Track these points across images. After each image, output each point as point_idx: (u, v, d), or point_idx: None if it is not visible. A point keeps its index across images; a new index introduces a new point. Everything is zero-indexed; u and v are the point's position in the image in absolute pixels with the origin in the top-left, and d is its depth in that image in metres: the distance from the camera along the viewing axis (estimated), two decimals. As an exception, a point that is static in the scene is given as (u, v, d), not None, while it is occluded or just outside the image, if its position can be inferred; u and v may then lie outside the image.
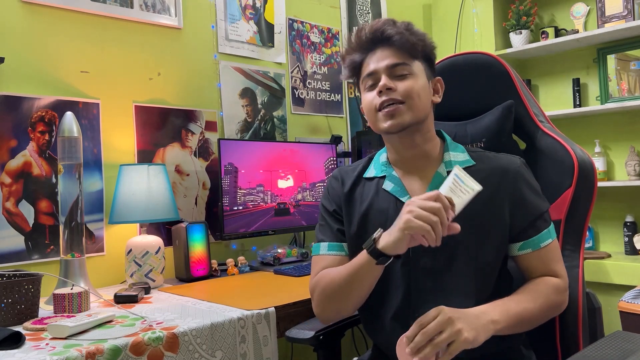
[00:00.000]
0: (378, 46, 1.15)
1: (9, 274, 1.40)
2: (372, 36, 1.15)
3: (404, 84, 1.12)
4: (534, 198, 1.14)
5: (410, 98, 1.12)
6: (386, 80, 1.12)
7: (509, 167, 1.15)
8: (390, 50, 1.14)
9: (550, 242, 1.13)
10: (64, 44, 1.82)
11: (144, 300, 1.57)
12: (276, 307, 1.43)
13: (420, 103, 1.13)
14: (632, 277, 2.44)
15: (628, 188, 2.76)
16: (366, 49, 1.17)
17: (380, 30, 1.14)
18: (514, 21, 2.97)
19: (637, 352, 0.85)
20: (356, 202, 1.22)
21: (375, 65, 1.14)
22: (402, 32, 1.13)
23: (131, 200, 1.76)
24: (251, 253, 2.25)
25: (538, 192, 1.16)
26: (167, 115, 2.05)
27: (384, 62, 1.14)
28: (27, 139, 1.71)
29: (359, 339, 2.36)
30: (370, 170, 1.25)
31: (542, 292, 1.09)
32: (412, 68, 1.14)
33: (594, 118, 2.88)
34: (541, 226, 1.13)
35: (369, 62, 1.16)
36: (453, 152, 1.19)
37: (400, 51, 1.13)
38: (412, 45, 1.13)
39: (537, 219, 1.13)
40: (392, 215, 1.14)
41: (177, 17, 2.11)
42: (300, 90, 2.55)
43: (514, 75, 1.39)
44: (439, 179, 1.14)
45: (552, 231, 1.14)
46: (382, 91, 1.12)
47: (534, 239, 1.12)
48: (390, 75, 1.13)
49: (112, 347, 1.13)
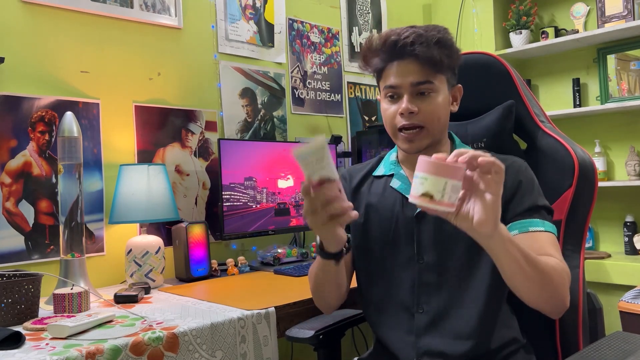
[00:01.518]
0: (404, 57, 1.12)
1: (9, 274, 1.40)
2: (400, 45, 1.12)
3: (426, 107, 1.12)
4: (531, 192, 1.12)
5: (431, 123, 1.12)
6: (408, 104, 1.11)
7: (512, 165, 1.15)
8: (415, 64, 1.11)
9: (542, 231, 1.08)
10: (64, 44, 1.82)
11: (144, 300, 1.57)
12: (276, 307, 1.43)
13: (439, 125, 1.14)
14: (632, 277, 2.44)
15: (628, 188, 2.76)
16: (391, 55, 1.14)
17: (411, 44, 1.10)
18: (514, 21, 2.97)
19: (636, 353, 0.85)
20: (363, 196, 1.26)
21: (399, 80, 1.12)
22: (430, 47, 1.10)
23: (131, 200, 1.76)
24: (251, 253, 2.25)
25: (540, 192, 1.15)
26: (167, 115, 2.05)
27: (408, 79, 1.11)
28: (27, 139, 1.71)
29: (359, 339, 2.36)
30: (379, 169, 1.28)
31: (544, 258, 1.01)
32: (435, 84, 1.12)
33: (594, 118, 2.88)
34: (533, 215, 1.09)
35: (392, 71, 1.14)
36: None
37: (426, 67, 1.11)
38: (439, 61, 1.11)
39: (529, 209, 1.10)
40: (398, 211, 1.18)
41: (177, 17, 2.10)
42: (300, 90, 2.55)
43: (514, 75, 1.38)
44: None
45: (546, 224, 1.10)
46: (404, 114, 1.12)
47: (522, 222, 1.09)
48: (413, 92, 1.12)
49: (112, 347, 1.13)
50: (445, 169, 0.82)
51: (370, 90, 2.90)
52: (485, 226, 0.87)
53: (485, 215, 0.86)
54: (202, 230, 1.90)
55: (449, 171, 0.82)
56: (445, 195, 0.83)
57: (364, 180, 1.27)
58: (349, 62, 2.80)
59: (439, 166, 0.82)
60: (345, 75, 2.77)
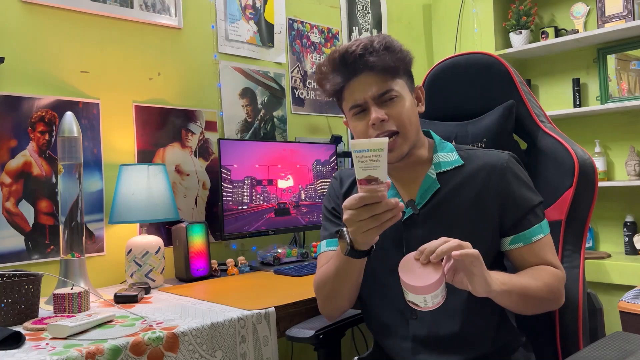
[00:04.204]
0: (360, 72, 1.12)
1: (9, 274, 1.40)
2: (352, 61, 1.11)
3: (394, 110, 1.12)
4: (524, 192, 1.14)
5: (403, 126, 1.12)
6: (377, 113, 1.10)
7: (496, 164, 1.15)
8: (372, 76, 1.11)
9: (542, 237, 1.12)
10: (64, 44, 1.81)
11: (144, 300, 1.57)
12: (276, 307, 1.43)
13: (412, 127, 1.14)
14: (632, 277, 2.44)
15: (628, 188, 2.76)
16: (345, 73, 1.13)
17: (361, 56, 1.10)
18: (514, 21, 2.97)
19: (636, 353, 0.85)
20: None
21: (362, 94, 1.12)
22: (383, 55, 1.10)
23: (131, 200, 1.76)
24: (251, 253, 2.25)
25: (529, 185, 1.16)
26: (167, 115, 2.05)
27: (370, 92, 1.11)
28: (27, 139, 1.71)
29: (359, 338, 2.36)
30: None
31: (542, 274, 1.09)
32: (397, 90, 1.13)
33: (594, 118, 2.88)
34: (532, 220, 1.12)
35: (352, 89, 1.13)
36: (442, 153, 1.20)
37: (384, 75, 1.11)
38: (394, 67, 1.12)
39: (527, 213, 1.12)
40: None
41: (177, 17, 2.10)
42: (300, 90, 2.55)
43: (514, 75, 1.38)
44: (429, 181, 1.16)
45: (544, 226, 1.14)
46: (375, 124, 1.11)
47: (524, 233, 1.12)
48: (378, 103, 1.12)
49: (112, 347, 1.13)
50: (420, 289, 0.91)
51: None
52: (479, 292, 0.95)
53: (476, 285, 0.94)
54: (202, 230, 1.90)
55: (423, 289, 0.91)
56: (429, 302, 0.93)
57: (353, 185, 1.26)
58: (349, 62, 2.80)
59: (414, 287, 0.91)
60: (345, 75, 2.77)
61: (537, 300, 1.07)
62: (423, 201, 1.15)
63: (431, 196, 1.15)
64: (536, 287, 1.06)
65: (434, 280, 0.90)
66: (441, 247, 0.92)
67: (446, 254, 0.92)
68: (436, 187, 1.15)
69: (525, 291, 1.04)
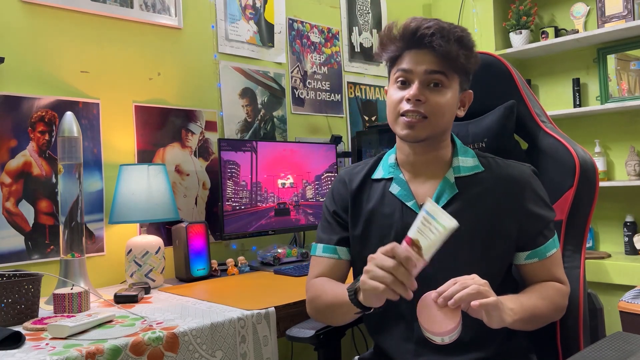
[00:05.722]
0: (421, 47, 1.09)
1: (9, 274, 1.40)
2: (420, 35, 1.09)
3: (434, 98, 1.09)
4: (541, 209, 1.14)
5: (434, 115, 1.09)
6: (417, 91, 1.08)
7: (518, 178, 1.13)
8: (431, 55, 1.09)
9: (555, 252, 1.14)
10: (64, 44, 1.81)
11: (144, 300, 1.57)
12: (276, 307, 1.43)
13: (442, 120, 1.11)
14: (632, 277, 2.44)
15: (628, 188, 2.76)
16: (409, 43, 1.11)
17: (432, 35, 1.08)
18: (514, 21, 2.97)
19: (637, 353, 0.85)
20: (362, 204, 1.20)
21: (413, 65, 1.10)
22: (452, 44, 1.08)
23: (131, 200, 1.75)
24: (251, 253, 2.25)
25: (546, 202, 1.16)
26: (167, 115, 2.05)
27: (422, 66, 1.09)
28: (27, 139, 1.71)
29: (359, 338, 2.36)
30: (378, 171, 1.22)
31: (550, 292, 1.11)
32: (447, 80, 1.10)
33: (594, 118, 2.88)
34: (548, 235, 1.14)
35: (409, 58, 1.11)
36: (462, 157, 1.17)
37: (443, 61, 1.08)
38: (455, 58, 1.09)
39: (544, 229, 1.13)
40: (397, 219, 1.14)
41: (177, 17, 2.10)
42: (300, 90, 2.55)
43: (515, 75, 1.38)
44: (446, 184, 1.13)
45: (556, 240, 1.16)
46: (410, 99, 1.09)
47: (541, 249, 1.13)
48: (424, 82, 1.09)
49: (112, 347, 1.13)
50: (439, 333, 0.95)
51: (370, 91, 2.90)
52: (493, 326, 0.97)
53: (492, 322, 0.97)
54: (202, 231, 1.90)
55: (442, 333, 0.95)
56: (446, 340, 0.96)
57: (363, 185, 1.22)
58: (349, 62, 2.80)
59: (433, 332, 0.95)
60: (345, 75, 2.77)
61: (543, 319, 1.10)
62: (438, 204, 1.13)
63: (448, 202, 1.12)
64: (543, 307, 1.08)
65: (452, 326, 0.94)
66: (460, 294, 0.93)
67: (464, 301, 0.94)
68: (454, 192, 1.12)
69: (533, 312, 1.06)
